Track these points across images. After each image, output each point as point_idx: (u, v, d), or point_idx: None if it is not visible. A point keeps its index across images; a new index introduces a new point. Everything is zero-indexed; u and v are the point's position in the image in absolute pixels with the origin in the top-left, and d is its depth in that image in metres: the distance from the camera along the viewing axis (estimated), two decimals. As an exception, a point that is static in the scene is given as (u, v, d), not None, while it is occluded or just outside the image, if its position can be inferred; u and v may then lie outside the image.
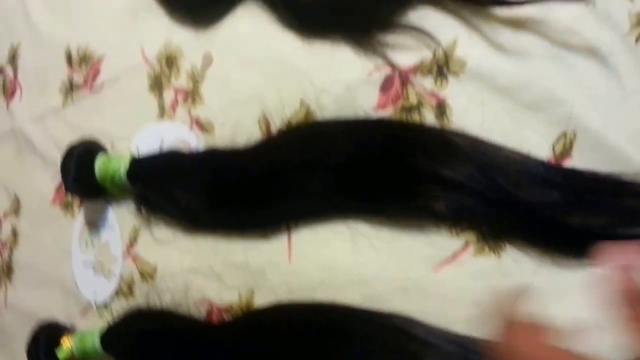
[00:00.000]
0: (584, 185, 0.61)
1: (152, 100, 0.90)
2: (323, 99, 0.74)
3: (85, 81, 0.98)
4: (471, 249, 0.66)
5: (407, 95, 0.69)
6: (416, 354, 0.64)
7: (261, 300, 0.78)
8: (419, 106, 0.69)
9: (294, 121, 0.77)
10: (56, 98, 1.01)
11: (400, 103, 0.70)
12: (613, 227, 0.61)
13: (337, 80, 0.73)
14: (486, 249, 0.66)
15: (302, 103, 0.76)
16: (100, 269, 0.93)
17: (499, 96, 0.65)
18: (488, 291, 0.64)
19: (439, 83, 0.68)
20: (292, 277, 0.75)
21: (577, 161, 0.62)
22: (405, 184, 0.68)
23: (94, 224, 0.95)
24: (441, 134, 0.67)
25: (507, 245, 0.65)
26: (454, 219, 0.67)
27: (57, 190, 1.00)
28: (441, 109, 0.68)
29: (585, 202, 0.61)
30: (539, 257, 0.63)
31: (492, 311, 0.52)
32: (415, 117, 0.69)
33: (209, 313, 0.81)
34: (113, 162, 0.85)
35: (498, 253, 0.65)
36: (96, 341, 0.85)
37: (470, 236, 0.66)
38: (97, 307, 0.92)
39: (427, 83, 0.69)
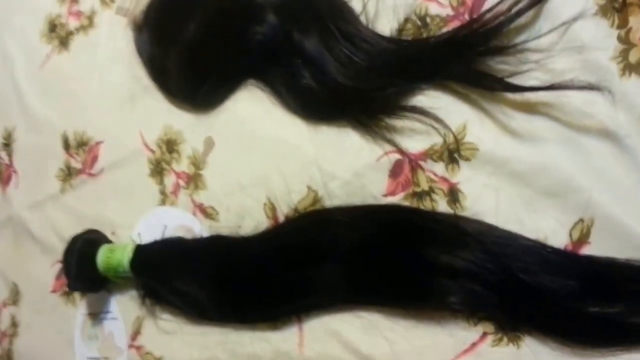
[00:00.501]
0: (603, 273, 0.61)
1: (153, 186, 0.91)
2: (331, 184, 0.75)
3: (84, 166, 0.99)
4: (489, 339, 0.66)
5: (418, 180, 0.70)
6: None
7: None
8: (430, 192, 0.70)
9: (301, 207, 0.77)
10: (54, 184, 1.03)
11: (410, 189, 0.71)
12: (633, 315, 0.60)
13: (345, 166, 0.74)
14: (504, 339, 0.65)
15: (309, 188, 0.77)
16: (106, 362, 0.93)
17: (513, 182, 0.66)
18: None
19: (450, 168, 0.69)
20: None
21: (595, 248, 0.63)
22: (418, 277, 0.68)
23: (96, 315, 0.95)
24: (454, 222, 0.67)
25: (526, 336, 0.65)
26: (471, 310, 0.67)
27: (57, 278, 1.01)
28: (453, 194, 0.68)
29: (604, 290, 0.61)
30: (558, 348, 0.63)
31: None
32: (427, 203, 0.70)
33: (219, 409, 0.81)
34: (116, 254, 0.86)
35: (517, 343, 0.65)
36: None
37: (488, 326, 0.66)
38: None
39: (438, 168, 0.70)
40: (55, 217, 1.01)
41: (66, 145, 1.02)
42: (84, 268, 0.87)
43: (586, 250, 0.63)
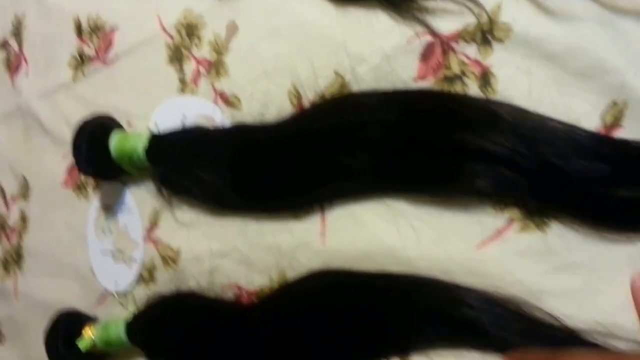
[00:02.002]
0: (635, 156, 0.66)
1: (171, 73, 0.95)
2: (359, 69, 0.79)
3: (98, 53, 1.04)
4: (516, 225, 0.71)
5: (449, 64, 0.74)
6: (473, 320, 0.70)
7: (293, 282, 0.83)
8: (461, 76, 0.74)
9: (327, 93, 0.81)
10: (66, 72, 1.08)
11: (441, 73, 0.75)
12: (664, 200, 0.65)
13: (374, 49, 0.78)
14: (531, 225, 0.70)
15: (336, 74, 0.80)
16: (119, 256, 0.99)
17: (547, 63, 0.69)
18: (533, 268, 0.70)
19: (483, 51, 0.72)
20: (326, 258, 0.80)
21: (627, 131, 0.67)
22: (447, 161, 0.72)
23: (110, 208, 1.01)
24: (486, 105, 0.71)
25: (553, 221, 0.69)
26: (499, 195, 0.71)
27: (69, 171, 1.07)
28: (485, 78, 0.72)
29: (636, 173, 0.66)
30: (585, 233, 0.68)
31: None
32: (458, 88, 0.74)
33: (238, 298, 0.87)
34: (130, 140, 0.90)
35: (543, 229, 0.70)
36: (121, 331, 0.90)
37: (514, 212, 0.71)
38: (118, 295, 0.98)
39: (470, 51, 0.73)
40: (66, 107, 1.07)
41: (79, 31, 1.07)
42: (95, 151, 0.91)
43: (619, 134, 0.67)
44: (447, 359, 0.73)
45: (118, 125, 0.97)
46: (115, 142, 0.91)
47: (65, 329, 0.95)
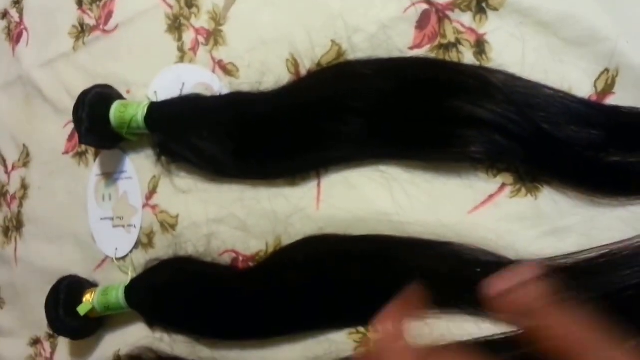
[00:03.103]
0: (626, 122, 0.66)
1: (170, 43, 0.95)
2: (355, 38, 0.79)
3: (98, 23, 1.04)
4: (507, 190, 0.71)
5: (444, 32, 0.74)
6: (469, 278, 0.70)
7: (289, 247, 0.83)
8: (456, 44, 0.74)
9: (324, 62, 0.81)
10: (66, 41, 1.07)
11: (437, 41, 0.75)
12: (654, 164, 0.66)
13: (371, 18, 0.78)
14: (523, 190, 0.71)
15: (333, 43, 0.81)
16: (119, 222, 0.99)
17: (540, 31, 0.69)
18: (524, 233, 0.70)
19: (478, 19, 0.73)
20: (320, 223, 0.81)
21: (619, 98, 0.67)
22: (441, 128, 0.72)
23: (110, 175, 1.01)
24: (479, 73, 0.71)
25: (545, 187, 0.70)
26: (491, 161, 0.72)
27: (70, 139, 1.07)
28: (480, 46, 0.72)
29: (627, 139, 0.66)
30: (576, 197, 0.68)
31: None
32: (453, 56, 0.74)
33: (235, 263, 0.88)
34: (130, 109, 0.90)
35: (535, 194, 0.70)
36: (120, 295, 0.91)
37: (507, 178, 0.71)
38: (117, 261, 0.99)
39: (465, 19, 0.73)
40: (67, 76, 1.06)
41: (79, 1, 1.07)
42: (96, 122, 0.91)
43: (610, 101, 0.67)
44: (441, 322, 0.73)
45: (118, 95, 0.97)
46: (115, 110, 0.91)
47: (65, 294, 0.95)
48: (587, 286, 0.66)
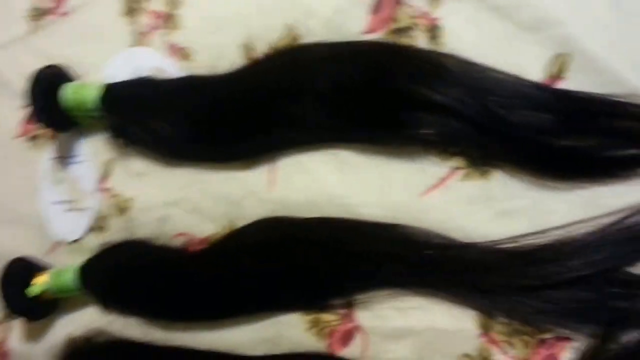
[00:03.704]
0: (577, 106, 0.64)
1: (125, 26, 0.91)
2: (311, 22, 0.76)
3: (54, 6, 0.99)
4: (459, 174, 0.69)
5: (399, 16, 0.72)
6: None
7: (242, 230, 0.80)
8: (410, 28, 0.71)
9: (279, 46, 0.78)
10: (21, 25, 1.02)
11: (391, 25, 0.72)
12: (604, 149, 0.64)
13: (326, 3, 0.75)
14: (475, 173, 0.69)
15: (288, 27, 0.78)
16: (73, 206, 0.94)
17: (494, 16, 0.68)
18: (475, 215, 0.68)
19: (432, 3, 0.70)
20: (273, 206, 0.78)
21: (571, 82, 0.65)
22: (394, 110, 0.70)
23: (64, 159, 0.96)
24: (432, 57, 0.69)
25: (496, 170, 0.68)
26: (444, 145, 0.70)
27: (24, 123, 1.01)
28: (434, 30, 0.70)
29: (578, 124, 0.64)
30: (527, 181, 0.67)
31: None
32: (407, 40, 0.72)
33: (188, 246, 0.84)
34: (85, 90, 0.86)
35: (486, 177, 0.68)
36: (74, 277, 0.86)
37: (459, 161, 0.69)
38: (69, 244, 0.94)
39: (419, 3, 0.71)
40: (23, 59, 1.00)
41: (34, -16, 1.01)
42: (49, 101, 0.86)
43: (562, 85, 0.66)
44: (391, 303, 0.71)
45: (72, 76, 0.92)
46: (70, 92, 0.86)
47: (18, 276, 0.89)
48: (536, 274, 0.64)
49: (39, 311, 0.92)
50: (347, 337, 0.73)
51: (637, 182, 0.64)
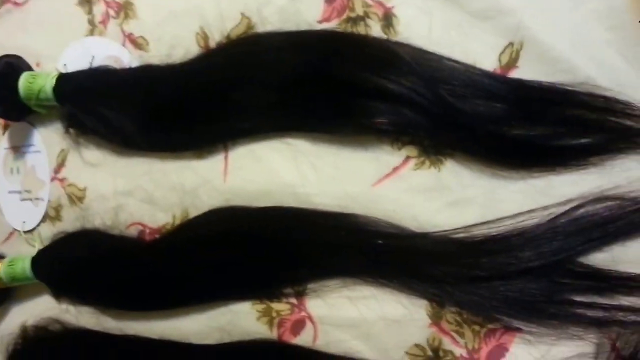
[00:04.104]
0: (529, 95, 0.62)
1: (81, 15, 0.88)
2: (265, 10, 0.74)
3: (9, -5, 0.95)
4: (412, 163, 0.67)
5: (353, 5, 0.69)
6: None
7: (195, 220, 0.78)
8: (364, 17, 0.69)
9: (233, 35, 0.76)
10: (-22, 15, 0.98)
11: (345, 14, 0.70)
12: (556, 138, 0.62)
13: None
14: (427, 162, 0.67)
15: (243, 15, 0.75)
16: (27, 196, 0.92)
17: (447, 5, 0.66)
18: (427, 205, 0.66)
19: None
20: (227, 196, 0.75)
21: (523, 71, 0.63)
22: (348, 99, 0.68)
23: (19, 149, 0.93)
24: (386, 45, 0.67)
25: (448, 159, 0.66)
26: (396, 133, 0.67)
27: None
28: (388, 19, 0.68)
29: (530, 113, 0.62)
30: (479, 170, 0.65)
31: None
32: (361, 29, 0.69)
33: (142, 235, 0.81)
34: (39, 79, 0.83)
35: (438, 167, 0.66)
36: (27, 266, 0.84)
37: (411, 151, 0.67)
38: (24, 233, 0.91)
39: None
40: (-22, 49, 0.97)
41: (-10, -27, 0.97)
42: (3, 91, 0.84)
43: (514, 74, 0.64)
44: (342, 292, 0.69)
45: (27, 66, 0.90)
46: (23, 81, 0.83)
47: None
48: (487, 265, 0.63)
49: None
50: (298, 327, 0.71)
51: (589, 171, 0.62)
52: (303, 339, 0.70)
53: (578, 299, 0.60)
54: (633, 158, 0.61)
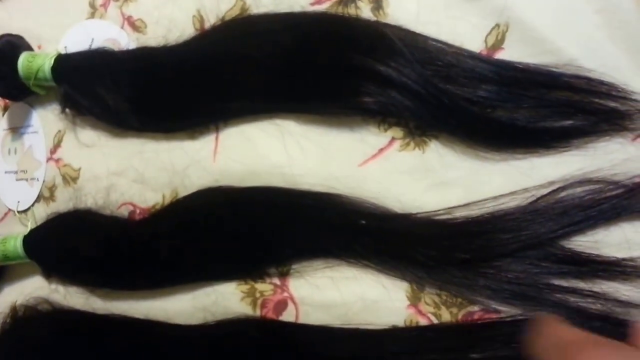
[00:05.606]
0: (514, 77, 0.62)
1: (82, -1, 0.89)
2: None
3: (12, -21, 0.96)
4: (397, 144, 0.67)
5: None
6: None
7: (185, 200, 0.78)
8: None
9: (228, 17, 0.76)
10: (-21, -3, 0.99)
11: None
12: (540, 119, 0.61)
13: None
14: (412, 144, 0.66)
15: None
16: (22, 176, 0.92)
17: None
18: (411, 186, 0.66)
19: None
20: (216, 176, 0.75)
21: (509, 53, 0.63)
22: (335, 80, 0.67)
23: (17, 129, 0.93)
24: (375, 27, 0.67)
25: (432, 141, 0.66)
26: (383, 114, 0.67)
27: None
28: (377, 2, 0.68)
29: (515, 94, 0.62)
30: (462, 151, 0.64)
31: None
32: (352, 11, 0.69)
33: (132, 215, 0.81)
34: (38, 59, 0.83)
35: (423, 148, 0.66)
36: (19, 245, 0.85)
37: (397, 132, 0.67)
38: (19, 213, 0.91)
39: None
40: (-20, 31, 0.98)
41: (-6, -43, 0.98)
42: (3, 70, 0.84)
43: (500, 56, 0.63)
44: (325, 273, 0.69)
45: (28, 46, 0.90)
46: (23, 60, 0.84)
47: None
48: (468, 247, 0.62)
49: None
50: (280, 307, 0.70)
51: (572, 154, 0.62)
52: (285, 320, 0.70)
53: (558, 282, 0.60)
54: (616, 140, 0.60)
